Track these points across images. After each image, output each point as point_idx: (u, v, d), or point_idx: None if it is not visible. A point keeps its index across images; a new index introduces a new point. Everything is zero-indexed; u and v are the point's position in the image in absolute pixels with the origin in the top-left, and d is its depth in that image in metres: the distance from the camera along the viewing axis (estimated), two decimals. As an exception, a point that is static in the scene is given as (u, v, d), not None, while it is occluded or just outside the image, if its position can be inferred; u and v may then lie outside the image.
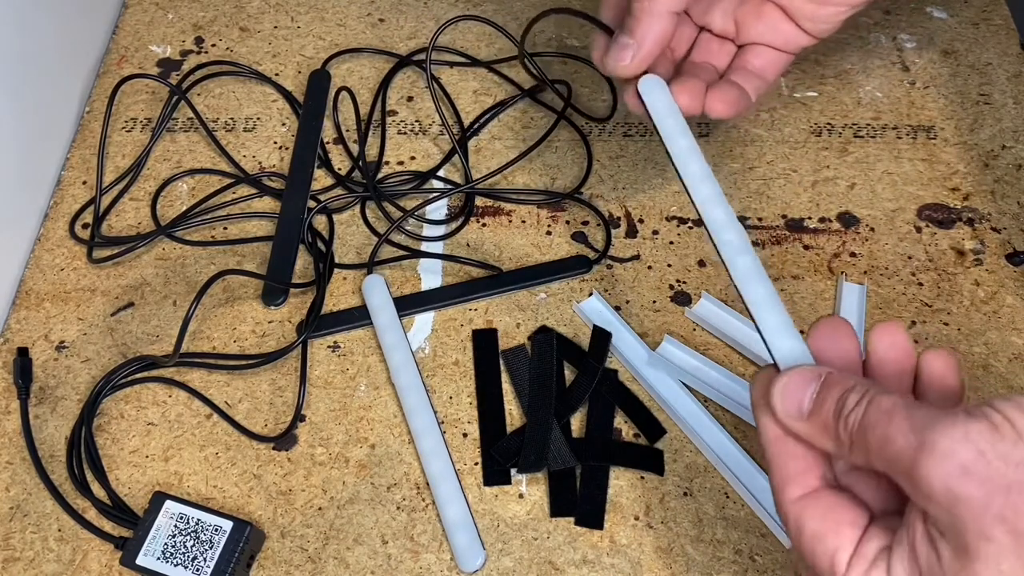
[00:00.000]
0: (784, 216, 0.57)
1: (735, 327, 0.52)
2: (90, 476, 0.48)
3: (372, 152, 0.61)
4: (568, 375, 0.51)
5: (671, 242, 0.56)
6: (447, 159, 0.60)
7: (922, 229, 0.56)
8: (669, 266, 0.55)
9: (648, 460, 0.48)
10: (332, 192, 0.59)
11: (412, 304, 0.54)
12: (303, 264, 0.56)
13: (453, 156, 0.60)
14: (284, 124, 0.62)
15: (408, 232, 0.57)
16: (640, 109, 0.47)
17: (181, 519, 0.45)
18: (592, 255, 0.55)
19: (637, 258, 0.55)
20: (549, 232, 0.57)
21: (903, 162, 0.59)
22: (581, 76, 0.64)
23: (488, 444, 0.49)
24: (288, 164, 0.60)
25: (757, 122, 0.61)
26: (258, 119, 0.62)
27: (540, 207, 0.58)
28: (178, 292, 0.55)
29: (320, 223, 0.57)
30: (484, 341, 0.52)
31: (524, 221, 0.57)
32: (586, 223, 0.57)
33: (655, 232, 0.56)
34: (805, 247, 0.56)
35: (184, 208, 0.58)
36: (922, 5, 0.67)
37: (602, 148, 0.60)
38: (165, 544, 0.44)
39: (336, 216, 0.58)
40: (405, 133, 0.62)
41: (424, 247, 0.56)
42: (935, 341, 0.52)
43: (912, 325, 0.52)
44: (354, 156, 0.60)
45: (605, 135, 0.61)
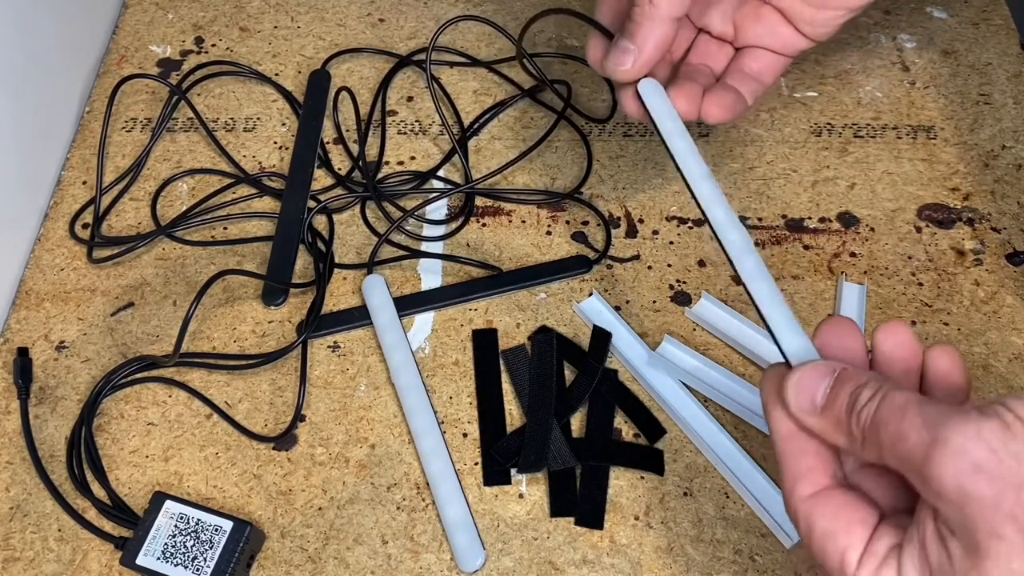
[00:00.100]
0: (784, 216, 0.57)
1: (735, 327, 0.52)
2: (90, 476, 0.48)
3: (372, 152, 0.61)
4: (568, 375, 0.51)
5: (671, 242, 0.56)
6: (447, 159, 0.60)
7: (922, 229, 0.56)
8: (669, 266, 0.55)
9: (648, 460, 0.48)
10: (332, 192, 0.59)
11: (412, 304, 0.54)
12: (303, 264, 0.56)
13: (453, 156, 0.60)
14: (284, 124, 0.62)
15: (408, 232, 0.57)
16: (637, 112, 0.47)
17: (181, 519, 0.45)
18: (592, 255, 0.55)
19: (637, 258, 0.55)
20: (549, 232, 0.57)
21: (903, 162, 0.59)
22: (581, 76, 0.64)
23: (488, 444, 0.49)
24: (288, 164, 0.60)
25: (757, 122, 0.61)
26: (258, 119, 0.62)
27: (540, 207, 0.58)
28: (178, 292, 0.55)
29: (320, 223, 0.57)
30: (484, 341, 0.52)
31: (524, 221, 0.57)
32: (586, 223, 0.57)
33: (655, 232, 0.56)
34: (805, 247, 0.56)
35: (184, 208, 0.58)
36: (922, 5, 0.67)
37: (602, 148, 0.60)
38: (165, 544, 0.44)
39: (336, 216, 0.58)
40: (405, 133, 0.62)
41: (424, 247, 0.56)
42: (935, 341, 0.51)
43: (912, 325, 0.52)
44: (354, 156, 0.60)
45: (605, 135, 0.61)
